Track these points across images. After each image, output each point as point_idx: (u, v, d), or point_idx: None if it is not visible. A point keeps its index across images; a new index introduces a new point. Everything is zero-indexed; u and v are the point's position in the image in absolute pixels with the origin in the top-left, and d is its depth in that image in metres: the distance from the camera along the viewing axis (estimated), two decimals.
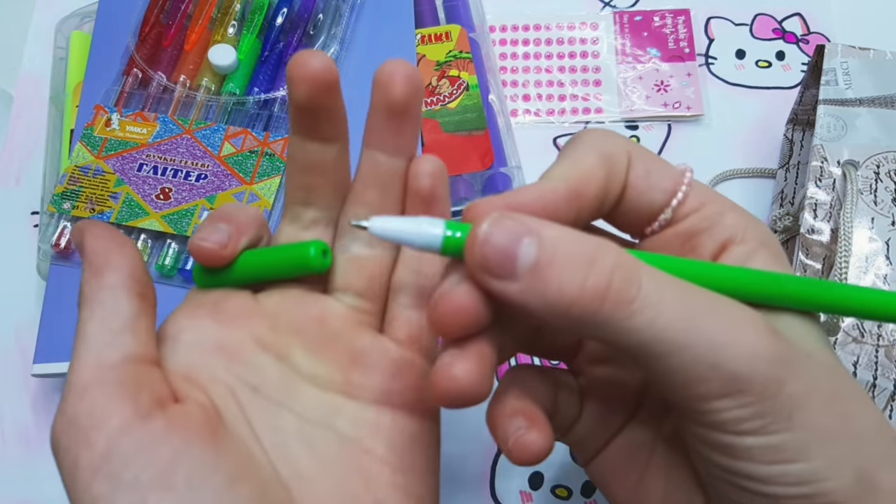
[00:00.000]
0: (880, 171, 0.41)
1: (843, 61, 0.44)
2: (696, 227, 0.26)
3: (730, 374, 0.21)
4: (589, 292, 0.21)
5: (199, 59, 0.49)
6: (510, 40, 0.56)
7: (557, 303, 0.21)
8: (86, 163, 0.46)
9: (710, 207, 0.26)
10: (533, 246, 0.21)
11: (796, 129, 0.51)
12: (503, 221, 0.22)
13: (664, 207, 0.26)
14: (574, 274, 0.21)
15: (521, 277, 0.21)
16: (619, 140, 0.26)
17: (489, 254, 0.21)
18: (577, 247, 0.21)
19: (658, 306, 0.21)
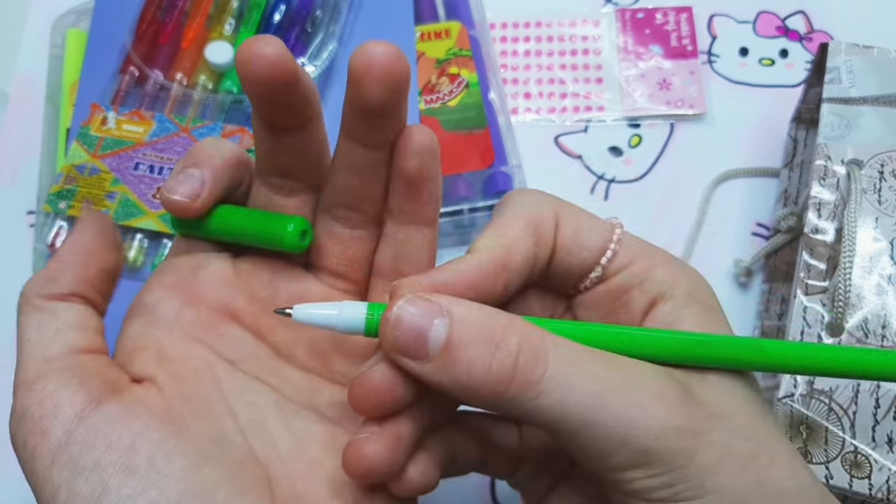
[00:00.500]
0: (884, 171, 0.40)
1: (846, 59, 0.44)
2: (626, 283, 0.26)
3: (640, 447, 0.21)
4: (494, 374, 0.21)
5: (196, 57, 0.49)
6: (511, 37, 0.56)
7: (468, 384, 0.21)
8: (82, 162, 0.45)
9: (640, 263, 0.26)
10: (443, 326, 0.21)
11: (800, 128, 0.51)
12: (414, 301, 0.22)
13: (594, 266, 0.26)
14: (481, 356, 0.21)
15: (432, 358, 0.21)
16: (546, 202, 0.26)
17: (400, 336, 0.22)
18: (484, 327, 0.22)
19: (565, 384, 0.21)
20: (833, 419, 0.34)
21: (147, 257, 0.44)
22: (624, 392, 0.22)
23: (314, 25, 0.50)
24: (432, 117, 0.50)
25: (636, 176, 0.52)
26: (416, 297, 0.22)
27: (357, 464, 0.23)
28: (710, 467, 0.22)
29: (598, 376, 0.22)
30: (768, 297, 0.47)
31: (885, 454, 0.34)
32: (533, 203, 0.26)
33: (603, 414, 0.21)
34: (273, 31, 0.50)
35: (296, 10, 0.51)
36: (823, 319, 0.37)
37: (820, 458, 0.34)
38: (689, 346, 0.24)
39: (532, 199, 0.26)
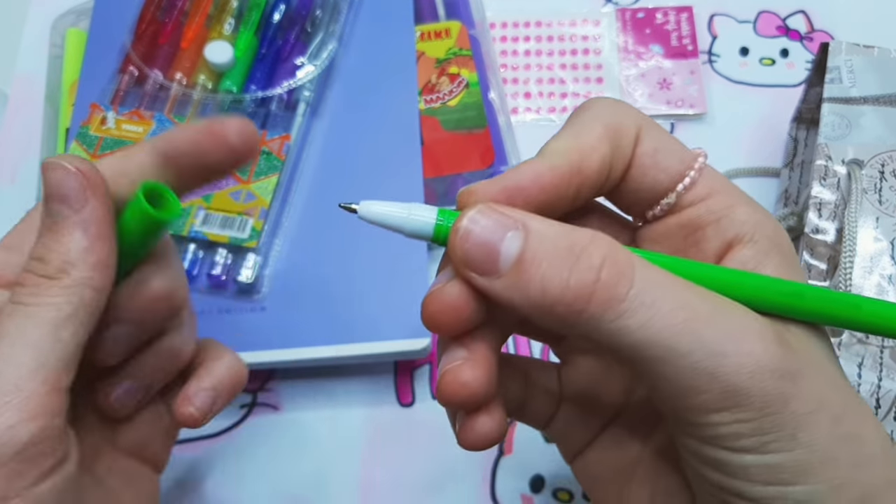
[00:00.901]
0: (885, 170, 0.40)
1: (847, 59, 0.44)
2: (701, 218, 0.24)
3: (730, 386, 0.19)
4: (573, 290, 0.20)
5: (196, 57, 0.49)
6: (511, 37, 0.56)
7: (542, 301, 0.20)
8: None
9: (720, 198, 0.24)
10: (517, 240, 0.20)
11: (801, 128, 0.51)
12: (487, 213, 0.20)
13: (668, 191, 0.24)
14: (558, 270, 0.20)
15: (503, 274, 0.20)
16: (630, 112, 0.24)
17: (470, 249, 0.20)
18: (563, 240, 0.20)
19: (652, 307, 0.20)
20: None
21: None
22: (716, 322, 0.20)
23: (314, 25, 0.50)
24: (432, 117, 0.50)
25: None
26: (488, 207, 0.21)
27: (458, 391, 0.22)
28: (804, 416, 0.20)
29: (689, 302, 0.20)
30: None
31: None
32: (615, 110, 0.24)
33: (692, 343, 0.19)
34: (273, 31, 0.50)
35: (296, 10, 0.51)
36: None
37: None
38: (785, 295, 0.22)
39: (614, 106, 0.24)
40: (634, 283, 0.20)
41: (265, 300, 0.43)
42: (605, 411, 0.28)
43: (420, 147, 0.48)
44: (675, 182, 0.24)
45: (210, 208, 0.44)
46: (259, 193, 0.44)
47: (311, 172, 0.47)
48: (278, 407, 0.45)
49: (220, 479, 0.43)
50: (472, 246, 0.20)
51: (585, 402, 0.28)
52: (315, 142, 0.48)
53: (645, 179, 0.24)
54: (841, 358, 0.35)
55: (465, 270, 0.21)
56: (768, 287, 0.22)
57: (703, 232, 0.24)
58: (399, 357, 0.43)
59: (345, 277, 0.44)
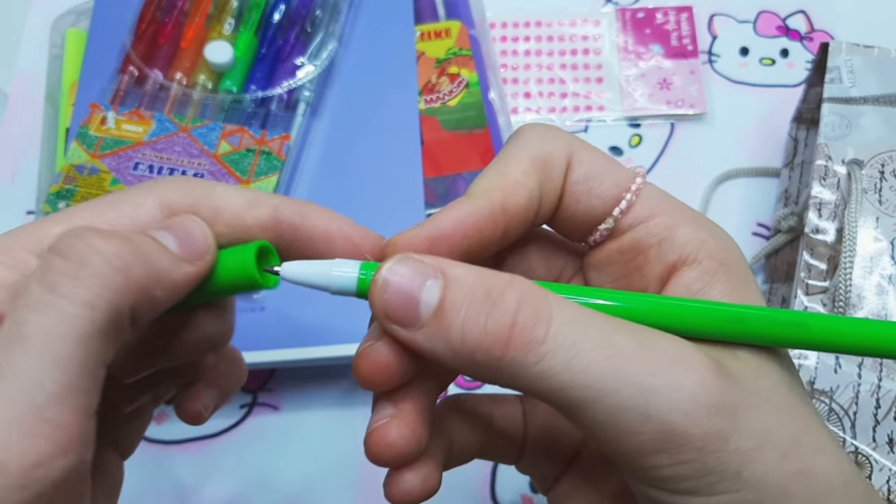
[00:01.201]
0: (885, 170, 0.40)
1: (847, 59, 0.44)
2: (642, 241, 0.23)
3: (664, 425, 0.18)
4: (491, 335, 0.19)
5: (196, 57, 0.49)
6: (511, 37, 0.56)
7: (463, 349, 0.19)
8: (81, 161, 0.45)
9: (661, 219, 0.22)
10: (436, 288, 0.20)
11: (801, 128, 0.51)
12: (405, 263, 0.20)
13: (605, 216, 0.23)
14: (475, 316, 0.19)
15: (425, 323, 0.20)
16: (560, 138, 0.23)
17: (390, 300, 0.20)
18: (480, 285, 0.19)
19: (573, 346, 0.19)
20: (834, 420, 0.34)
21: None
22: (643, 357, 0.19)
23: (314, 25, 0.50)
24: (432, 117, 0.50)
25: None
26: (406, 257, 0.20)
27: (384, 452, 0.21)
28: (748, 453, 0.19)
29: (612, 339, 0.19)
30: (769, 297, 0.47)
31: (886, 454, 0.33)
32: (543, 139, 0.23)
33: (618, 381, 0.18)
34: (273, 31, 0.50)
35: (296, 10, 0.50)
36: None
37: None
38: (725, 321, 0.20)
39: (543, 134, 0.23)
40: (552, 323, 0.19)
41: (265, 300, 0.43)
42: (569, 446, 0.27)
43: (420, 147, 0.48)
44: (611, 207, 0.23)
45: None
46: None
47: (311, 172, 0.47)
48: (278, 407, 0.45)
49: (220, 479, 0.43)
50: (391, 297, 0.20)
51: (550, 437, 0.27)
52: (315, 142, 0.48)
53: (579, 206, 0.23)
54: (841, 358, 0.35)
55: (387, 324, 0.20)
56: (706, 313, 0.21)
57: (645, 255, 0.23)
58: None
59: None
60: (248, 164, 0.45)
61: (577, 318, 0.19)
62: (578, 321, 0.19)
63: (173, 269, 0.20)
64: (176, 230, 0.21)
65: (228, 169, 0.45)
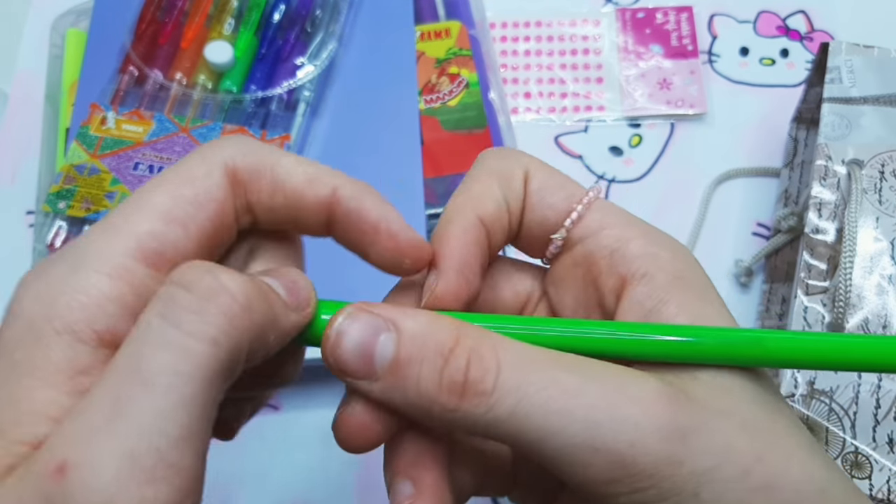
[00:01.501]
0: (885, 170, 0.40)
1: (847, 59, 0.44)
2: (593, 254, 0.23)
3: (614, 455, 0.19)
4: (445, 390, 0.19)
5: (196, 57, 0.49)
6: (511, 37, 0.56)
7: (419, 402, 0.20)
8: (81, 162, 0.45)
9: (612, 231, 0.23)
10: (390, 342, 0.20)
11: (801, 128, 0.51)
12: (358, 318, 0.20)
13: (557, 227, 0.23)
14: (431, 369, 0.19)
15: (380, 377, 0.20)
16: (515, 157, 0.24)
17: (342, 355, 0.20)
18: (433, 340, 0.20)
19: (518, 391, 0.19)
20: (833, 419, 0.34)
21: None
22: (586, 392, 0.19)
23: (314, 25, 0.50)
24: (432, 117, 0.50)
25: (636, 176, 0.51)
26: (358, 310, 0.20)
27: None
28: (705, 474, 0.19)
29: (555, 379, 0.19)
30: (769, 298, 0.47)
31: (886, 454, 0.33)
32: (499, 156, 0.24)
33: (563, 419, 0.19)
34: (273, 31, 0.50)
35: (296, 10, 0.50)
36: (824, 320, 0.37)
37: None
38: (675, 347, 0.20)
39: (499, 153, 0.24)
40: (500, 372, 0.19)
41: None
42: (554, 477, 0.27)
43: (420, 147, 0.48)
44: (563, 218, 0.23)
45: None
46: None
47: None
48: (278, 407, 0.45)
49: (220, 478, 0.43)
50: (343, 352, 0.20)
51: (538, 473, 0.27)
52: (315, 142, 0.48)
53: (534, 217, 0.24)
54: None
55: (342, 376, 0.20)
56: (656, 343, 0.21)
57: (598, 267, 0.23)
58: None
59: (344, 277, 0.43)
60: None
61: (522, 361, 0.20)
62: (524, 365, 0.20)
63: (285, 317, 0.20)
64: (283, 279, 0.21)
65: None
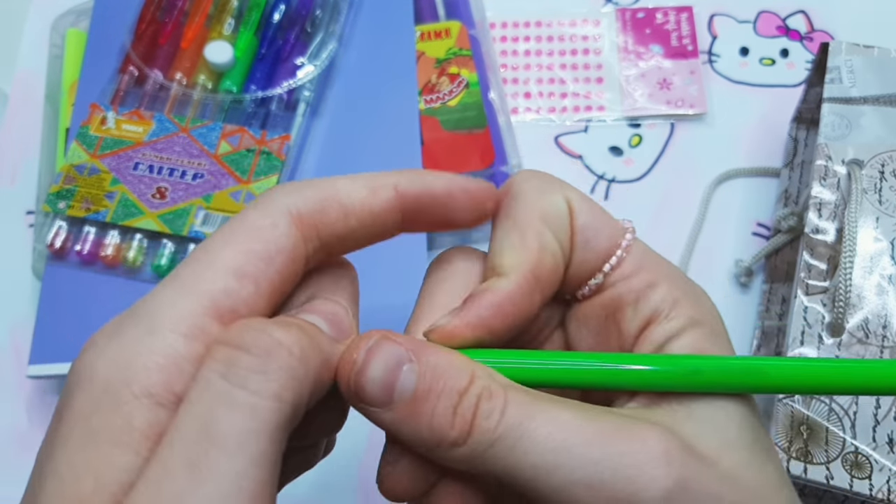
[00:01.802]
0: (885, 170, 0.40)
1: (847, 59, 0.44)
2: (622, 297, 0.23)
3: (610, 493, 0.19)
4: (457, 429, 0.20)
5: (196, 57, 0.49)
6: (511, 37, 0.56)
7: (429, 436, 0.20)
8: (81, 162, 0.45)
9: (641, 276, 0.23)
10: (412, 375, 0.20)
11: (801, 128, 0.51)
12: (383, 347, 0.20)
13: (595, 272, 0.23)
14: (447, 405, 0.20)
15: (395, 407, 0.20)
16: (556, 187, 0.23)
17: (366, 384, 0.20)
18: (451, 378, 0.20)
19: (520, 427, 0.19)
20: (833, 419, 0.34)
21: (146, 257, 0.44)
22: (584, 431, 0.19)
23: (314, 25, 0.50)
24: (432, 117, 0.50)
25: (636, 176, 0.51)
26: (384, 339, 0.20)
27: None
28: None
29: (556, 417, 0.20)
30: (769, 297, 0.47)
31: (886, 454, 0.33)
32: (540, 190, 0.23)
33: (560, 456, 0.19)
34: (273, 31, 0.50)
35: (296, 10, 0.51)
36: (824, 319, 0.37)
37: (820, 458, 0.34)
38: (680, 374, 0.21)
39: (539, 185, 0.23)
40: (506, 410, 0.20)
41: None
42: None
43: (420, 147, 0.48)
44: (602, 261, 0.23)
45: (210, 208, 0.44)
46: (259, 193, 0.44)
47: (311, 172, 0.47)
48: None
49: None
50: (368, 381, 0.20)
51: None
52: (315, 142, 0.48)
53: (576, 260, 0.23)
54: (841, 357, 0.35)
55: (355, 401, 0.20)
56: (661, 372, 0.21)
57: (623, 312, 0.23)
58: None
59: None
60: (248, 165, 0.45)
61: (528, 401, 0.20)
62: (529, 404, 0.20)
63: (334, 355, 0.21)
64: (322, 313, 0.21)
65: (228, 169, 0.45)
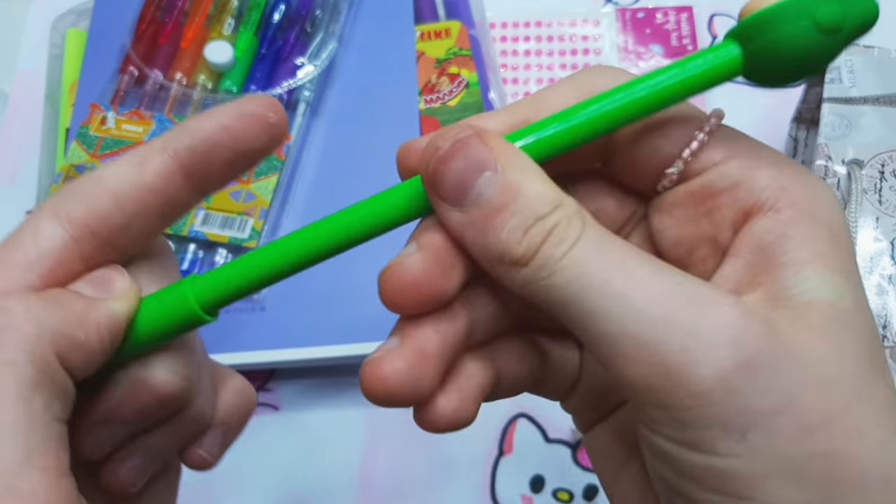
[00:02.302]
0: (885, 170, 0.40)
1: (847, 59, 0.44)
2: (714, 184, 0.20)
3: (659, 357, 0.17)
4: (523, 248, 0.18)
5: (196, 57, 0.49)
6: (511, 37, 0.56)
7: (493, 251, 0.18)
8: (81, 161, 0.45)
9: (738, 162, 0.20)
10: (494, 183, 0.18)
11: (801, 128, 0.51)
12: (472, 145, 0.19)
13: (673, 159, 0.20)
14: (517, 227, 0.18)
15: (467, 210, 0.19)
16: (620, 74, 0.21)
17: (441, 174, 0.19)
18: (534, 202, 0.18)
19: (584, 265, 0.18)
20: None
21: None
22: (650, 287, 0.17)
23: (314, 25, 0.50)
24: (432, 117, 0.50)
25: None
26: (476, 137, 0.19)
27: (376, 386, 0.20)
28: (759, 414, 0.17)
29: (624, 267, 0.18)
30: None
31: None
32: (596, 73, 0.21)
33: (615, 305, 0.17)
34: (273, 31, 0.50)
35: (296, 10, 0.50)
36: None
37: None
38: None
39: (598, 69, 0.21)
40: (577, 244, 0.18)
41: (265, 300, 0.43)
42: (614, 400, 0.26)
43: None
44: (680, 148, 0.20)
45: (210, 208, 0.44)
46: (259, 193, 0.44)
47: (311, 172, 0.47)
48: (278, 407, 0.45)
49: (220, 479, 0.43)
50: (444, 173, 0.19)
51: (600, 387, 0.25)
52: (315, 142, 0.48)
53: (643, 147, 0.21)
54: None
55: (430, 187, 0.19)
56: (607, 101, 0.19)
57: (716, 200, 0.20)
58: None
59: (344, 277, 0.44)
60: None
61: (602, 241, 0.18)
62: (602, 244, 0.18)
63: (91, 310, 0.20)
64: (91, 278, 0.21)
65: None
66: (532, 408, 0.44)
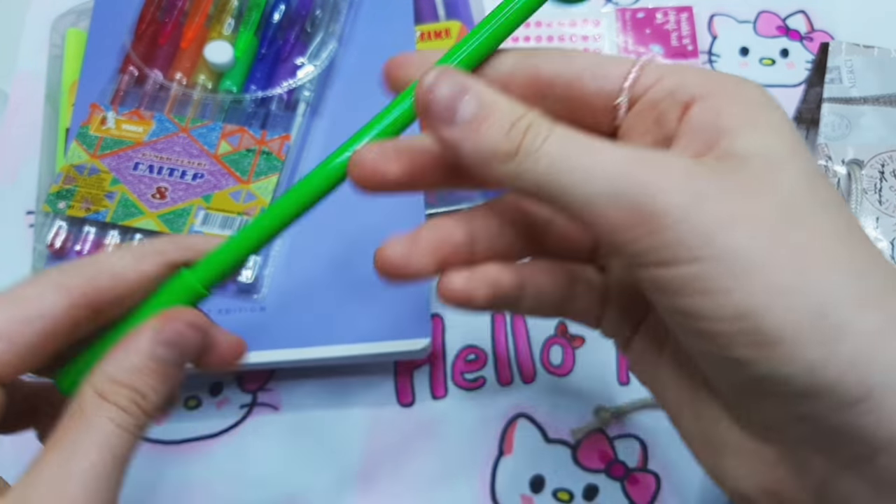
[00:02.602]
0: (885, 170, 0.40)
1: (847, 59, 0.44)
2: (654, 98, 0.24)
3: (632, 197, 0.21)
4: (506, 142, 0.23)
5: (196, 57, 0.49)
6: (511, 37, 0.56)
7: (485, 151, 0.23)
8: (81, 162, 0.45)
9: (670, 77, 0.24)
10: (475, 100, 0.23)
11: (801, 128, 0.51)
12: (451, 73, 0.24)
13: (617, 93, 0.25)
14: (501, 128, 0.23)
15: (458, 126, 0.23)
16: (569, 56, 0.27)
17: (432, 99, 0.23)
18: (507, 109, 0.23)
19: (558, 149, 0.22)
20: None
21: None
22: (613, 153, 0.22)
23: (314, 25, 0.50)
24: None
25: None
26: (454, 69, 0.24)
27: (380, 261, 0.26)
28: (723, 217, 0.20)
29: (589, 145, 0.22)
30: None
31: None
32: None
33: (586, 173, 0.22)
34: (273, 31, 0.50)
35: (296, 10, 0.50)
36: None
37: None
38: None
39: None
40: (549, 138, 0.22)
41: (265, 300, 0.43)
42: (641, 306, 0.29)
43: None
44: (620, 83, 0.25)
45: (210, 208, 0.44)
46: (259, 193, 0.44)
47: None
48: (278, 407, 0.45)
49: (220, 479, 0.43)
50: (435, 97, 0.23)
51: (626, 303, 0.29)
52: (315, 142, 0.48)
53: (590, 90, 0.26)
54: None
55: (426, 116, 0.24)
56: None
57: (659, 108, 0.24)
58: (399, 357, 0.43)
59: (345, 277, 0.44)
60: (248, 165, 0.45)
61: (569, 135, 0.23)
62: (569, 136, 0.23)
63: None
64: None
65: (228, 169, 0.45)
66: (532, 408, 0.44)
